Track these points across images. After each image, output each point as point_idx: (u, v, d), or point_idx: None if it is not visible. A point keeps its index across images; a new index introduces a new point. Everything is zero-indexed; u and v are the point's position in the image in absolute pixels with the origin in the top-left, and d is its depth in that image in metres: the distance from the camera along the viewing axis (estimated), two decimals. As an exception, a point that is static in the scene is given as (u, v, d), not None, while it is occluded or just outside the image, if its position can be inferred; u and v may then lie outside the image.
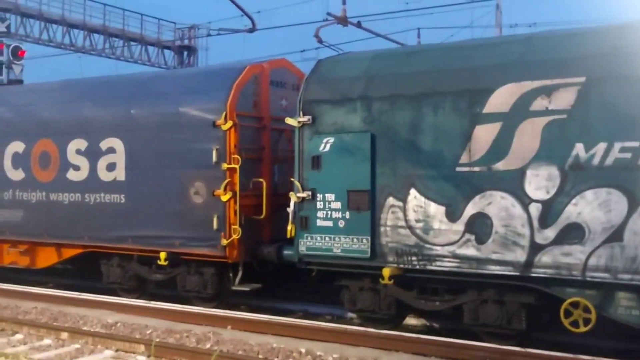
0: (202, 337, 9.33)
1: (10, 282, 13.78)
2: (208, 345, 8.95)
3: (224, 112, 11.21)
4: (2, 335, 9.96)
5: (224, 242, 11.08)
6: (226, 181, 11.14)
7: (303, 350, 8.55)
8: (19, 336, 9.86)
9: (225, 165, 11.15)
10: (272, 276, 11.99)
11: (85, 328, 10.03)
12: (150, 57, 31.53)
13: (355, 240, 9.93)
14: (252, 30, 16.62)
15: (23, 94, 15.41)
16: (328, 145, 10.25)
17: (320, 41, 16.38)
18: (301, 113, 10.51)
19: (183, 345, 8.95)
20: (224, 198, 11.12)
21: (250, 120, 11.67)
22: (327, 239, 10.17)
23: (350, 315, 10.95)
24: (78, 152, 13.02)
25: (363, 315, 10.38)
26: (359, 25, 17.56)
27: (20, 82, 24.63)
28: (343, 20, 16.58)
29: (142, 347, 8.87)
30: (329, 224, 10.16)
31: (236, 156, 11.15)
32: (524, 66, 9.02)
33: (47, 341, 9.53)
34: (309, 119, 10.43)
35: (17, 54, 25.53)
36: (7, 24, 26.70)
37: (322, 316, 11.44)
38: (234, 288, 11.49)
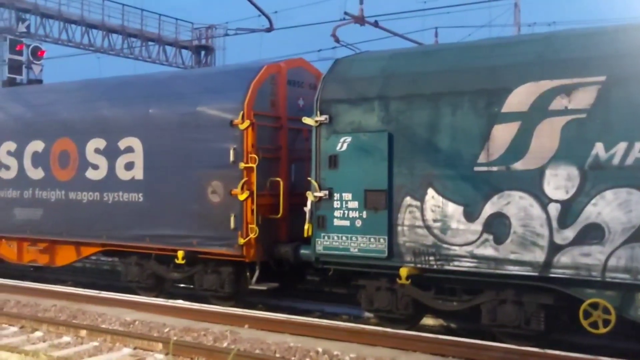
0: (219, 336, 9.35)
1: (29, 280, 13.91)
2: (225, 344, 8.97)
3: (242, 112, 11.24)
4: (21, 332, 10.05)
5: (241, 241, 11.11)
6: (243, 180, 11.17)
7: (320, 350, 8.54)
8: (38, 333, 9.94)
9: (242, 165, 11.18)
10: (289, 276, 12.01)
11: (104, 326, 10.08)
12: (168, 57, 31.70)
13: (372, 239, 9.92)
14: (269, 30, 16.64)
15: (43, 94, 15.54)
16: (345, 145, 10.25)
17: (337, 40, 16.37)
18: (318, 112, 10.51)
19: (201, 344, 8.98)
20: (241, 197, 11.15)
21: (267, 119, 11.69)
22: (344, 238, 10.17)
23: (368, 315, 10.93)
24: (97, 151, 13.12)
25: (380, 315, 10.36)
26: (376, 24, 17.54)
27: (40, 81, 24.85)
28: (360, 20, 16.57)
29: (160, 346, 8.91)
30: (346, 223, 10.15)
31: (253, 155, 11.17)
32: (542, 65, 8.96)
33: (66, 339, 9.60)
34: (326, 119, 10.43)
35: (36, 54, 25.76)
36: (26, 24, 26.96)
37: (339, 316, 11.44)
38: (251, 287, 11.52)
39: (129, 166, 12.63)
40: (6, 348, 8.77)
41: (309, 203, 10.53)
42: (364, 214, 10.02)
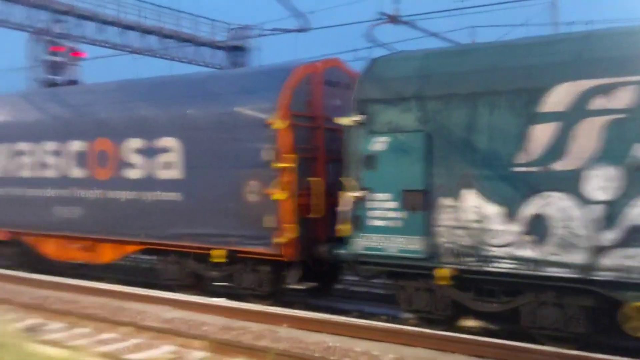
0: (258, 335, 9.45)
1: (71, 277, 14.17)
2: (264, 343, 9.06)
3: (277, 112, 11.33)
4: (65, 329, 10.26)
5: (279, 240, 11.20)
6: (280, 180, 11.26)
7: (359, 350, 8.59)
8: (81, 330, 10.15)
9: (278, 165, 11.27)
10: (327, 275, 12.07)
11: (144, 323, 10.25)
12: (204, 57, 31.95)
13: (410, 240, 9.92)
14: (304, 29, 16.69)
15: (81, 95, 15.83)
16: (382, 145, 10.27)
17: (372, 40, 16.34)
18: (355, 112, 10.55)
19: (240, 342, 9.07)
20: (278, 197, 11.23)
21: (303, 119, 11.76)
22: (381, 238, 10.19)
23: (406, 315, 10.94)
24: (135, 151, 13.33)
25: (419, 315, 10.36)
26: (411, 23, 17.47)
27: (78, 82, 25.27)
28: (396, 19, 16.52)
29: (199, 343, 9.04)
30: (384, 223, 10.17)
31: (290, 155, 11.25)
32: (581, 64, 8.88)
33: (108, 335, 9.79)
34: (363, 119, 10.46)
35: (74, 55, 26.22)
36: (63, 26, 27.42)
37: (377, 316, 11.45)
38: (290, 286, 11.60)
39: (167, 166, 12.81)
40: (52, 343, 8.99)
41: (345, 203, 10.57)
42: (402, 214, 10.03)
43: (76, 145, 14.34)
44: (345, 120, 10.65)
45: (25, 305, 11.57)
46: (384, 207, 10.20)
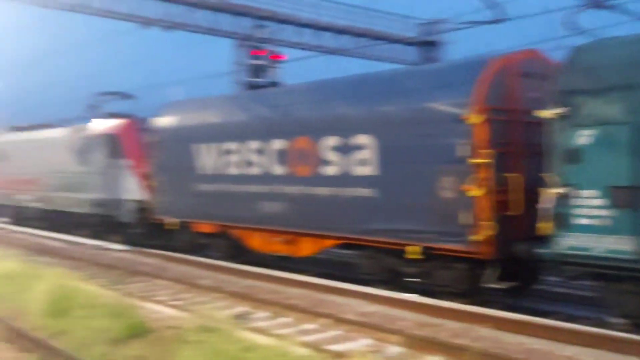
0: (455, 333, 9.36)
1: (275, 269, 14.97)
2: (461, 341, 8.94)
3: (473, 106, 11.10)
4: (269, 317, 10.88)
5: (475, 237, 10.98)
6: (476, 176, 11.03)
7: (562, 354, 8.18)
8: (284, 319, 10.71)
9: (474, 160, 11.04)
10: (524, 275, 11.62)
11: (343, 316, 10.54)
12: (396, 54, 32.21)
13: (619, 240, 9.24)
14: (499, 20, 16.19)
15: (282, 95, 16.64)
16: (587, 138, 9.65)
17: (572, 28, 15.43)
18: (557, 104, 10.03)
19: (437, 339, 9.04)
20: (474, 193, 11.01)
21: (499, 113, 11.41)
22: (587, 237, 9.58)
23: (615, 320, 10.21)
24: (332, 148, 13.75)
25: (632, 321, 9.62)
26: (617, 7, 16.26)
27: (278, 84, 26.63)
28: (600, 4, 15.48)
29: (396, 338, 9.14)
30: (590, 222, 9.56)
31: (486, 151, 10.98)
32: None
33: (309, 326, 10.22)
34: (565, 111, 9.91)
35: (274, 58, 27.68)
36: (264, 31, 29.05)
37: (579, 319, 10.82)
38: (488, 285, 11.33)
39: (362, 162, 13.07)
40: (258, 331, 9.57)
41: (546, 200, 10.10)
42: (610, 212, 9.36)
43: (278, 144, 15.09)
44: (546, 113, 10.16)
45: (234, 294, 12.41)
46: (589, 205, 9.59)
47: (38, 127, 27.61)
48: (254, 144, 15.68)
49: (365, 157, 13.04)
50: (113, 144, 21.31)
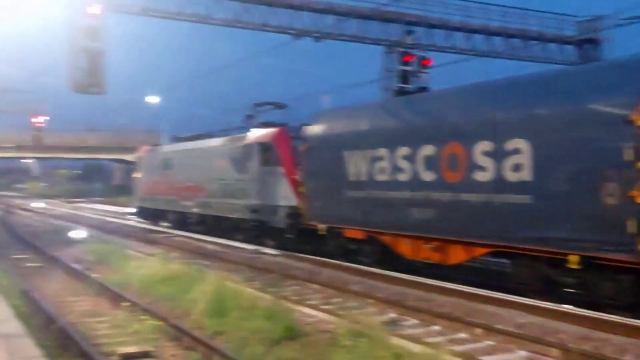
0: (622, 348, 8.75)
1: (424, 276, 14.80)
2: (629, 358, 8.35)
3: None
4: (419, 325, 10.77)
5: (643, 247, 10.22)
6: (645, 181, 10.27)
7: None
8: (435, 327, 10.55)
9: (642, 165, 10.30)
10: None
11: (497, 326, 10.20)
12: (551, 54, 30.88)
13: None
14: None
15: (432, 101, 16.45)
16: None
17: None
18: None
19: (601, 354, 8.50)
20: (642, 200, 10.27)
21: (671, 114, 10.55)
22: None
23: None
24: (484, 153, 13.38)
25: None
26: None
27: (426, 89, 26.37)
28: None
29: (555, 351, 8.71)
30: None
31: (661, 155, 10.19)
32: None
33: (461, 335, 9.99)
34: None
35: (423, 63, 27.44)
36: (414, 36, 28.93)
37: None
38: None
39: (516, 168, 12.61)
40: (409, 338, 9.49)
41: None
42: None
43: (427, 150, 14.93)
44: None
45: (384, 300, 12.41)
46: None
47: (199, 138, 29.21)
48: (404, 151, 15.62)
49: (519, 162, 12.56)
50: (268, 152, 22.11)
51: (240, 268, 17.02)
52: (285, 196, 20.82)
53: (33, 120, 46.77)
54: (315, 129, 19.11)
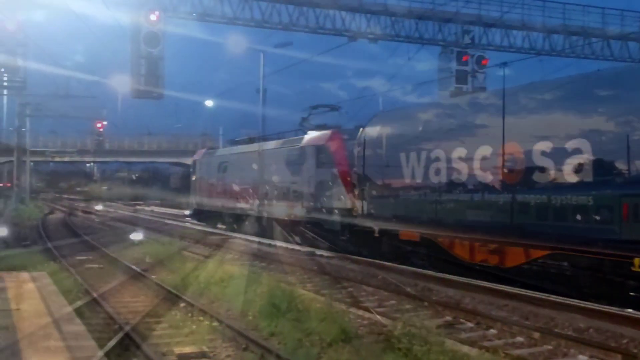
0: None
1: (479, 279, 14.54)
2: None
3: None
4: (476, 329, 10.56)
5: None
6: None
7: None
8: (492, 331, 10.33)
9: None
10: None
11: (557, 330, 9.95)
12: (613, 51, 29.98)
13: None
14: None
15: (488, 100, 16.19)
16: None
17: None
18: None
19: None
20: None
21: None
22: None
23: None
24: (543, 154, 13.10)
25: None
26: None
27: (484, 89, 25.99)
28: None
29: (619, 357, 8.41)
30: None
31: None
32: None
33: (519, 339, 9.76)
34: None
35: (480, 62, 27.09)
36: (471, 36, 28.54)
37: None
38: None
39: (577, 168, 12.30)
40: (465, 342, 9.32)
41: None
42: None
43: (485, 150, 14.69)
44: None
45: (439, 303, 12.22)
46: None
47: (255, 141, 29.47)
48: (460, 152, 15.41)
49: (579, 162, 12.25)
50: (322, 154, 22.14)
51: (295, 270, 17.06)
52: (340, 198, 20.81)
53: (97, 125, 48.23)
54: (369, 131, 19.04)
